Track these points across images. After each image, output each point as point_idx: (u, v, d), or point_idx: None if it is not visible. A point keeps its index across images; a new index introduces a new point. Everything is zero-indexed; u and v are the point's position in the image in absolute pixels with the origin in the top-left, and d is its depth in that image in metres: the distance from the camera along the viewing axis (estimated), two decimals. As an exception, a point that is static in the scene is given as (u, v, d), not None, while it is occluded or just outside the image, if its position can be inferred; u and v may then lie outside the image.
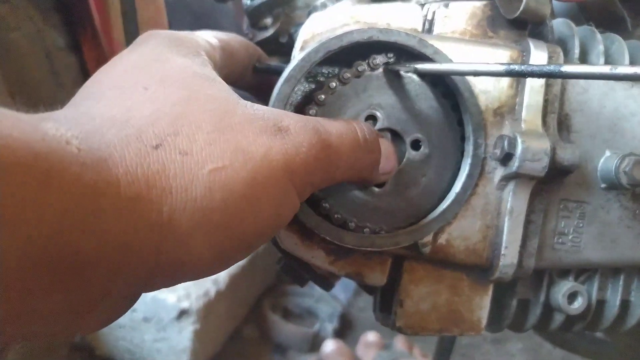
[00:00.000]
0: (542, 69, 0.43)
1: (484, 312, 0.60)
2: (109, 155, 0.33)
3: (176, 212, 0.34)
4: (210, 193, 0.36)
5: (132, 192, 0.33)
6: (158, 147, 0.35)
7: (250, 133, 0.39)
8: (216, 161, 0.36)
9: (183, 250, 0.36)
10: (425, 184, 0.56)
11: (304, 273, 0.59)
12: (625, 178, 0.59)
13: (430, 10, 0.57)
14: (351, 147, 0.46)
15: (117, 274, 0.33)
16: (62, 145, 0.31)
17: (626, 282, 0.68)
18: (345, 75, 0.54)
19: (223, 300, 1.74)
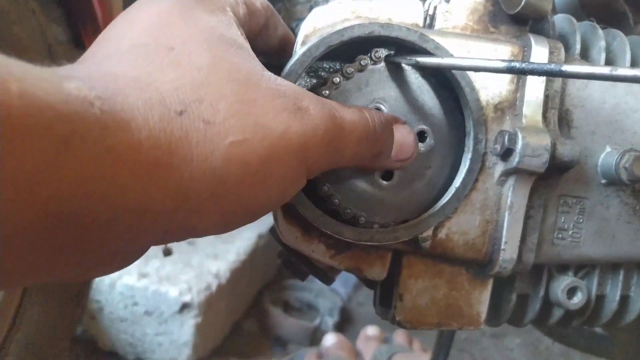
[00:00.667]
0: (542, 67, 0.43)
1: (483, 307, 0.60)
2: (132, 118, 0.32)
3: (194, 181, 0.35)
4: (228, 165, 0.36)
5: (153, 157, 0.33)
6: (182, 114, 0.35)
7: (271, 109, 0.39)
8: (237, 134, 0.37)
9: (196, 216, 0.37)
10: (430, 176, 0.57)
11: (305, 267, 0.60)
12: (626, 174, 0.59)
13: (432, 5, 0.57)
14: (361, 135, 0.46)
15: (131, 235, 0.34)
16: (85, 107, 0.30)
17: (626, 277, 0.68)
18: (348, 69, 0.54)
19: (224, 294, 1.75)
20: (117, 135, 0.31)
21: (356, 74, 0.54)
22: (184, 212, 0.36)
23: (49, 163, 0.28)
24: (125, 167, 0.31)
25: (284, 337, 1.89)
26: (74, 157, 0.29)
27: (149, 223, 0.34)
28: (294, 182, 0.42)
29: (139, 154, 0.32)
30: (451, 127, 0.57)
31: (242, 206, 0.39)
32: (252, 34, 0.51)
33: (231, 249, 1.90)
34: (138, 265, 1.69)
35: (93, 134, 0.30)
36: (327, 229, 0.53)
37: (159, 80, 0.36)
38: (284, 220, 0.54)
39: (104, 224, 0.32)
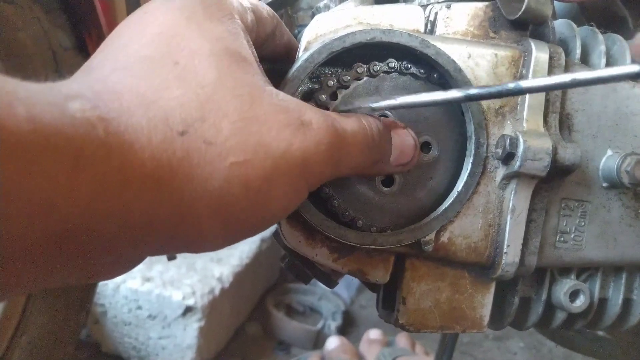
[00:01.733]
0: (501, 89, 0.43)
1: (486, 310, 0.60)
2: (135, 139, 0.33)
3: (195, 200, 0.36)
4: (229, 185, 0.37)
5: (156, 176, 0.34)
6: (184, 134, 0.36)
7: (274, 125, 0.40)
8: (238, 154, 0.37)
9: (197, 232, 0.38)
10: (432, 186, 0.57)
11: (308, 270, 0.60)
12: (627, 177, 0.59)
13: (433, 11, 0.57)
14: (362, 145, 0.47)
15: (136, 246, 0.36)
16: (89, 129, 0.31)
17: (628, 280, 0.69)
18: (345, 77, 0.54)
19: (227, 298, 1.75)
20: (121, 156, 0.32)
21: (365, 78, 0.55)
22: (185, 228, 0.37)
23: (63, 185, 0.29)
24: (130, 186, 0.33)
25: (287, 341, 1.89)
26: (84, 178, 0.30)
27: (151, 237, 0.36)
28: (296, 197, 0.43)
29: (143, 174, 0.33)
30: (455, 135, 0.57)
31: (243, 223, 0.40)
32: (259, 40, 0.52)
33: (234, 253, 1.91)
34: (142, 270, 1.70)
35: (99, 156, 0.31)
36: (330, 232, 0.53)
37: (164, 98, 0.37)
38: (287, 224, 0.55)
39: (110, 238, 0.33)
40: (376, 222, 0.56)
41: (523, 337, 1.90)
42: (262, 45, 0.53)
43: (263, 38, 0.52)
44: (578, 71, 0.59)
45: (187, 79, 0.38)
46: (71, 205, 0.30)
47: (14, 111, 0.28)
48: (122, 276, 1.69)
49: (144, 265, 1.71)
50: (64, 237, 0.31)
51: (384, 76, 0.55)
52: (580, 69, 0.61)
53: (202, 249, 0.41)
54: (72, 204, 0.30)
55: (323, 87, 0.54)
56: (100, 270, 0.38)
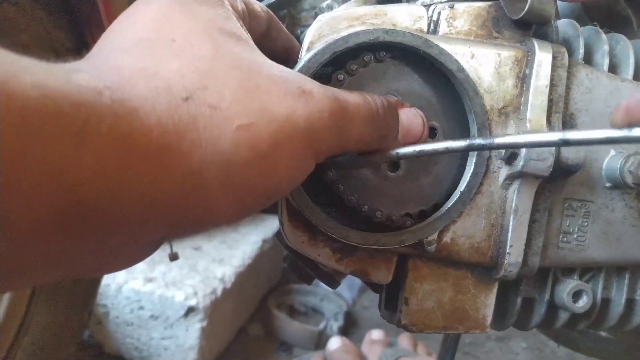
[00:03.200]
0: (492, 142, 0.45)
1: (489, 310, 0.60)
2: (140, 106, 0.33)
3: (205, 164, 0.35)
4: (237, 148, 0.37)
5: (163, 143, 0.33)
6: (188, 100, 0.35)
7: (275, 94, 0.40)
8: (243, 118, 0.37)
9: (208, 202, 0.37)
10: (437, 173, 0.57)
11: (310, 271, 0.60)
12: (630, 177, 0.59)
13: (436, 11, 0.57)
14: (365, 118, 0.46)
15: (144, 224, 0.35)
16: (96, 96, 0.31)
17: (631, 280, 0.69)
18: (352, 66, 0.54)
19: (229, 298, 1.75)
20: (128, 122, 0.32)
21: (372, 64, 0.55)
22: (196, 198, 0.36)
23: (70, 152, 0.29)
24: (137, 154, 0.32)
25: (289, 341, 1.89)
26: (91, 145, 0.30)
27: (159, 213, 0.35)
28: (303, 165, 0.42)
29: (150, 140, 0.33)
30: (460, 127, 0.58)
31: (253, 191, 0.39)
32: (254, 36, 0.51)
33: (236, 254, 1.91)
34: (144, 270, 1.70)
35: (106, 123, 0.30)
36: (332, 232, 0.53)
37: (164, 69, 0.37)
38: (290, 224, 0.55)
39: (118, 213, 0.32)
40: (382, 207, 0.55)
41: (526, 337, 1.90)
42: (259, 42, 0.53)
43: (257, 34, 0.52)
44: (581, 71, 0.60)
45: (184, 53, 0.38)
46: (78, 175, 0.29)
47: (19, 78, 0.27)
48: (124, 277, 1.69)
49: (146, 265, 1.71)
50: (71, 211, 0.30)
51: (391, 61, 0.56)
52: (583, 68, 0.61)
53: (215, 221, 0.40)
54: (79, 174, 0.29)
55: (332, 81, 0.54)
56: (114, 257, 0.37)
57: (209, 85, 0.37)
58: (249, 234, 2.07)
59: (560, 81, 0.58)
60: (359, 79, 0.55)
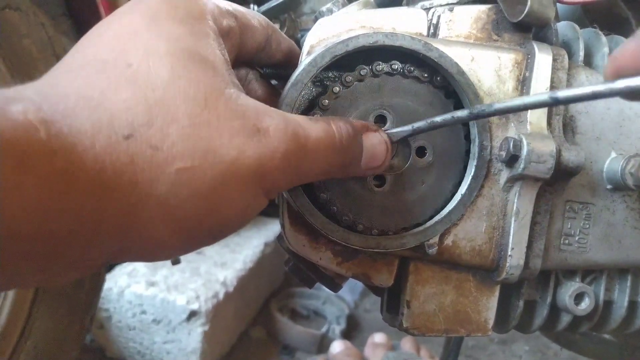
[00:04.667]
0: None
1: (490, 313, 0.60)
2: (78, 142, 0.33)
3: (142, 203, 0.36)
4: (176, 189, 0.36)
5: (100, 180, 0.34)
6: (129, 138, 0.35)
7: (226, 132, 0.39)
8: (185, 160, 0.37)
9: (148, 236, 0.37)
10: (423, 191, 0.57)
11: (312, 274, 0.60)
12: (631, 179, 0.59)
13: (435, 14, 0.58)
14: (327, 150, 0.45)
15: (89, 248, 0.35)
16: (31, 133, 0.31)
17: (634, 283, 0.68)
18: (347, 78, 0.54)
19: (231, 302, 1.75)
20: (64, 158, 0.32)
21: (368, 79, 0.55)
22: (136, 233, 0.36)
23: (8, 185, 0.29)
24: (76, 188, 0.32)
25: (292, 345, 1.89)
26: (29, 178, 0.30)
27: (104, 236, 0.35)
28: (252, 205, 0.42)
29: (87, 177, 0.33)
30: (451, 143, 0.57)
31: (197, 228, 0.39)
32: (249, 49, 0.51)
33: (238, 258, 1.91)
34: (146, 274, 1.70)
35: (42, 158, 0.31)
36: (334, 236, 0.53)
37: (111, 100, 0.36)
38: (291, 228, 0.55)
39: (63, 237, 0.33)
40: (375, 224, 0.56)
41: (528, 340, 1.90)
42: (258, 53, 0.53)
43: (253, 46, 0.51)
44: (582, 73, 0.60)
45: (137, 80, 0.37)
46: (17, 205, 0.30)
47: None
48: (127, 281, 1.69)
49: (148, 269, 1.72)
50: (13, 237, 0.31)
51: (387, 77, 0.56)
52: (583, 71, 0.61)
53: (158, 256, 0.41)
54: (19, 204, 0.30)
55: (328, 93, 0.54)
56: (61, 271, 0.37)
57: (154, 122, 0.36)
58: (251, 237, 2.07)
59: (561, 83, 0.58)
60: (353, 91, 0.55)
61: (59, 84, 0.37)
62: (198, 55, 0.41)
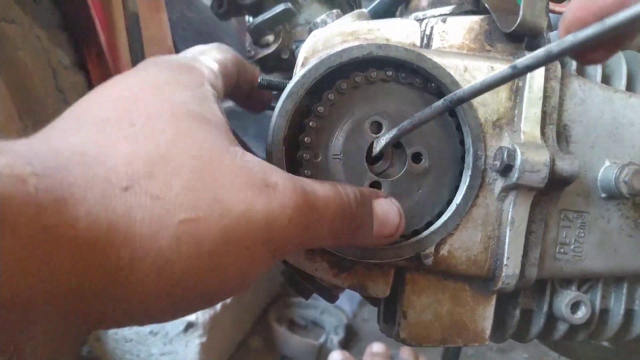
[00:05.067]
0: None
1: (487, 323, 0.60)
2: (70, 195, 0.30)
3: (137, 260, 0.32)
4: (178, 244, 0.33)
5: (91, 235, 0.30)
6: (128, 189, 0.32)
7: (233, 186, 0.37)
8: (189, 211, 0.34)
9: (138, 299, 0.34)
10: (419, 198, 0.57)
11: (308, 285, 0.60)
12: (626, 187, 0.59)
13: (429, 25, 0.58)
14: (336, 213, 0.43)
15: (68, 318, 0.32)
16: (18, 187, 0.28)
17: (630, 291, 0.68)
18: (342, 85, 0.55)
19: (229, 313, 1.75)
20: (53, 213, 0.29)
21: (363, 85, 0.55)
22: (124, 293, 0.33)
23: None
24: (61, 247, 0.29)
25: (290, 355, 1.88)
26: (8, 240, 0.27)
27: (86, 306, 0.32)
28: (256, 266, 0.38)
29: (77, 233, 0.30)
30: (447, 149, 0.57)
31: (192, 289, 0.35)
32: (227, 89, 0.50)
33: (235, 267, 1.90)
34: (142, 285, 1.69)
35: (26, 213, 0.28)
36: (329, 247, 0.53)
37: (109, 155, 0.34)
38: (287, 239, 0.55)
39: (37, 306, 0.29)
40: None
41: (527, 348, 1.89)
42: (231, 91, 0.53)
43: (230, 86, 0.51)
44: (574, 83, 0.60)
45: (140, 138, 0.36)
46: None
47: None
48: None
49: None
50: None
51: (382, 84, 0.56)
52: (576, 80, 0.61)
53: (147, 321, 0.37)
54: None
55: (323, 100, 0.54)
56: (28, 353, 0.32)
57: (156, 174, 0.34)
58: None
59: (554, 93, 0.59)
60: (348, 99, 0.55)
61: (52, 141, 0.35)
62: (201, 116, 0.40)
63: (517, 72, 0.39)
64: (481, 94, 0.44)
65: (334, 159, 0.55)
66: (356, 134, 0.55)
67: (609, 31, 0.33)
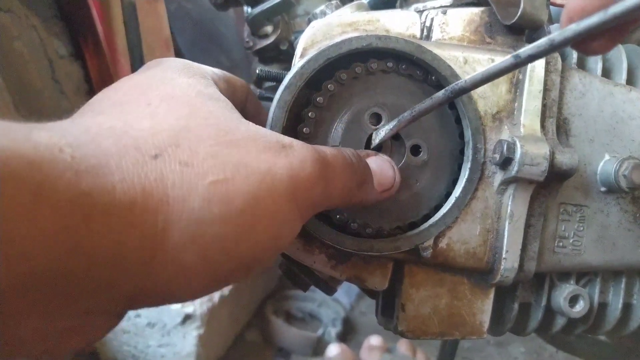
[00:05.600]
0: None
1: (485, 316, 0.60)
2: (105, 163, 0.32)
3: (171, 223, 0.33)
4: (209, 205, 0.35)
5: (127, 200, 0.31)
6: (157, 157, 0.34)
7: (253, 149, 0.39)
8: (217, 173, 0.36)
9: (176, 264, 0.34)
10: (418, 190, 0.57)
11: (306, 278, 0.60)
12: (625, 181, 0.59)
13: (429, 17, 0.57)
14: (344, 166, 0.46)
15: (105, 292, 0.32)
16: (55, 154, 0.29)
17: (628, 285, 0.68)
18: (342, 75, 0.54)
19: (226, 305, 1.75)
20: (90, 178, 0.30)
21: (363, 76, 0.55)
22: (161, 259, 0.33)
23: (23, 217, 0.27)
24: (99, 212, 0.30)
25: (287, 348, 1.88)
26: (49, 203, 0.28)
27: (123, 275, 0.32)
28: (287, 224, 0.40)
29: (113, 196, 0.31)
30: (446, 142, 0.57)
31: (228, 252, 0.36)
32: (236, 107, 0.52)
33: (233, 260, 1.90)
34: (140, 277, 1.69)
35: (65, 179, 0.29)
36: (327, 239, 0.53)
37: (135, 129, 0.35)
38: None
39: (77, 280, 0.30)
40: (370, 222, 0.55)
41: (524, 342, 1.90)
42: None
43: (238, 105, 0.52)
44: (575, 76, 0.60)
45: (159, 114, 0.38)
46: (33, 240, 0.27)
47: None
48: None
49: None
50: (28, 281, 0.27)
51: (382, 75, 0.55)
52: (576, 73, 0.61)
53: (183, 290, 0.36)
54: (35, 239, 0.27)
55: (323, 91, 0.54)
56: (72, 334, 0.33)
57: (181, 143, 0.36)
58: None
59: (554, 86, 0.58)
60: (348, 89, 0.55)
61: (79, 121, 0.37)
62: (209, 96, 0.43)
63: (520, 61, 0.39)
64: (483, 84, 0.44)
65: None
66: (355, 125, 0.55)
67: (612, 20, 0.32)
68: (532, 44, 0.38)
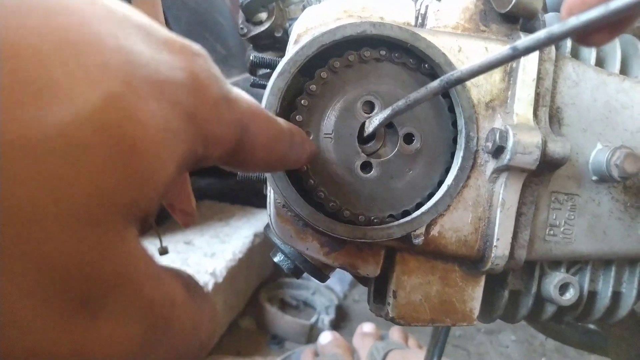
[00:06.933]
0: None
1: (476, 303, 0.61)
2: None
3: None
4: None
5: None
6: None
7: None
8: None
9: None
10: (410, 179, 0.57)
11: (299, 264, 0.60)
12: (617, 171, 0.60)
13: (423, 4, 0.57)
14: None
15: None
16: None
17: (617, 273, 0.69)
18: (335, 64, 0.54)
19: (221, 293, 1.75)
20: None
21: (356, 65, 0.55)
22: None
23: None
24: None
25: (281, 335, 1.89)
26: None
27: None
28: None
29: None
30: (440, 131, 0.57)
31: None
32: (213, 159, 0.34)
33: (228, 248, 1.91)
34: (134, 264, 1.69)
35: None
36: (320, 226, 0.53)
37: None
38: (278, 217, 0.55)
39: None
40: (362, 210, 0.55)
41: (515, 330, 1.92)
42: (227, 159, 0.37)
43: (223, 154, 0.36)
44: (568, 65, 0.60)
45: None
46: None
47: None
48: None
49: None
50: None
51: (375, 63, 0.55)
52: (570, 62, 0.61)
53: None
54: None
55: (316, 78, 0.54)
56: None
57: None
58: (240, 228, 2.07)
59: (547, 75, 0.58)
60: (341, 77, 0.55)
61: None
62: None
63: (518, 53, 0.39)
64: (479, 74, 0.44)
65: (326, 138, 0.54)
66: (348, 114, 0.55)
67: (613, 14, 0.32)
68: (530, 35, 0.38)
